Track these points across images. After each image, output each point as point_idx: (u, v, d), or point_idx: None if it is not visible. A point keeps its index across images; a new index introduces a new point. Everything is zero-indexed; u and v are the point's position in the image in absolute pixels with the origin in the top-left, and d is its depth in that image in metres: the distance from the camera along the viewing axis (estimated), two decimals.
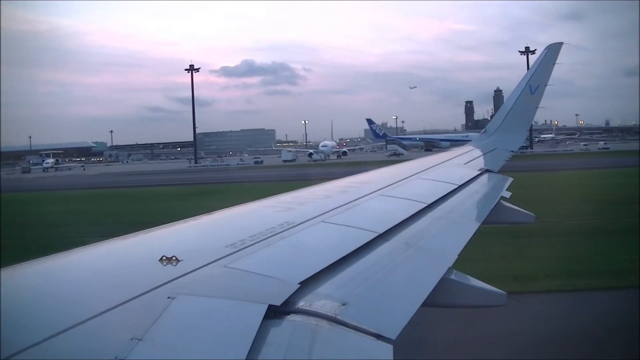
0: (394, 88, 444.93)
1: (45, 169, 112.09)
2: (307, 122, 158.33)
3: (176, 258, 2.57)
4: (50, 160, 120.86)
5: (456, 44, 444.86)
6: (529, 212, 6.42)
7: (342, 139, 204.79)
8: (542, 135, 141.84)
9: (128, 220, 25.77)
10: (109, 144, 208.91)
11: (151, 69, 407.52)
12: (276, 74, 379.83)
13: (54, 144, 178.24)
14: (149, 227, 3.39)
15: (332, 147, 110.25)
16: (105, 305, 2.00)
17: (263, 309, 2.10)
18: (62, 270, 2.63)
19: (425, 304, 2.69)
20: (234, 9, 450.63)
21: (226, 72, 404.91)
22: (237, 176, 63.28)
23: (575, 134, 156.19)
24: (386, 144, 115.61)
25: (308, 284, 2.49)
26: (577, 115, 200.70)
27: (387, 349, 2.08)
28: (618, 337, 10.42)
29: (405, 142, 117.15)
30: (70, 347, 1.74)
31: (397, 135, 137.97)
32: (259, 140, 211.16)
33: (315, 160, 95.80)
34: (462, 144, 11.53)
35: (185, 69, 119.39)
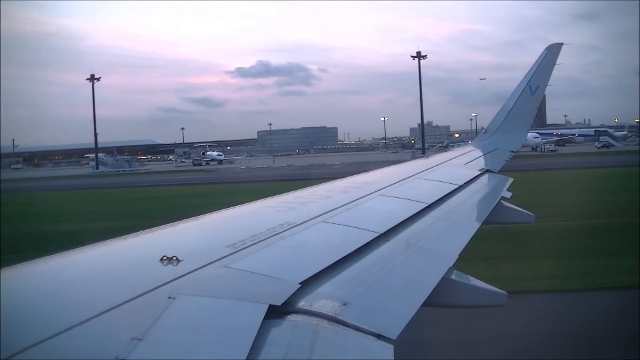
0: (406, 88, 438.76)
1: (218, 161, 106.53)
2: (386, 119, 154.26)
3: (177, 258, 2.57)
4: (212, 153, 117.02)
5: (467, 45, 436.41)
6: (529, 212, 6.43)
7: (385, 138, 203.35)
8: (616, 133, 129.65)
9: None
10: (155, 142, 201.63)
11: (164, 70, 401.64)
12: (291, 75, 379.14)
13: (118, 141, 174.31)
14: None
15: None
16: (106, 305, 2.00)
17: (264, 309, 2.10)
18: (62, 270, 2.64)
19: (425, 304, 2.69)
20: (247, 9, 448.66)
21: (241, 72, 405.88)
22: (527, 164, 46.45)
23: None
24: (597, 135, 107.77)
25: (309, 284, 2.49)
26: None
27: (388, 349, 2.08)
28: None
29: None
30: (71, 347, 1.74)
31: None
32: (321, 138, 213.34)
33: (547, 151, 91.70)
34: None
35: (412, 56, 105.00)
